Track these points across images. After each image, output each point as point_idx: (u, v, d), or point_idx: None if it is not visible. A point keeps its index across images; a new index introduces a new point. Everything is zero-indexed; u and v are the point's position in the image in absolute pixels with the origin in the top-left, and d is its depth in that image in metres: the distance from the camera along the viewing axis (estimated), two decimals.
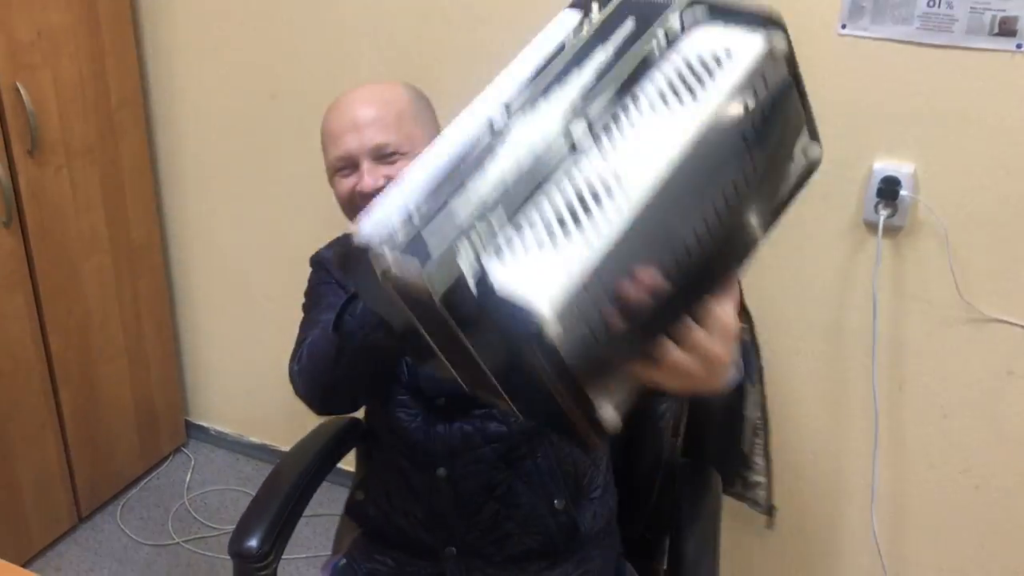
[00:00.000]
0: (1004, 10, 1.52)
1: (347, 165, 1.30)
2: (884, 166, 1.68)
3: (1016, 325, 1.69)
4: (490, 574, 1.36)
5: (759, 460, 1.69)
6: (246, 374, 2.58)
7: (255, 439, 2.63)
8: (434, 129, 1.35)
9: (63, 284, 2.13)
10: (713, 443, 1.60)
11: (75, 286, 2.16)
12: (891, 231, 1.71)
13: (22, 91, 1.92)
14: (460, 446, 1.33)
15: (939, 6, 1.55)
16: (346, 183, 1.30)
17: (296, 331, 1.40)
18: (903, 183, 1.67)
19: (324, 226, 2.23)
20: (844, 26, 1.63)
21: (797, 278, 1.82)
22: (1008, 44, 1.54)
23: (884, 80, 1.64)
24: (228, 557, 1.30)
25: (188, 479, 2.53)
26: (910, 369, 1.80)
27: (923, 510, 1.88)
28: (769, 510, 1.73)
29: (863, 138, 1.69)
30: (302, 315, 1.43)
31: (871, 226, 1.73)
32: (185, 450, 2.64)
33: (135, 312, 2.36)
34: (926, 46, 1.59)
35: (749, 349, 1.58)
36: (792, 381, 1.89)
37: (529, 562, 1.35)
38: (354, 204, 1.29)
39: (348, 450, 1.57)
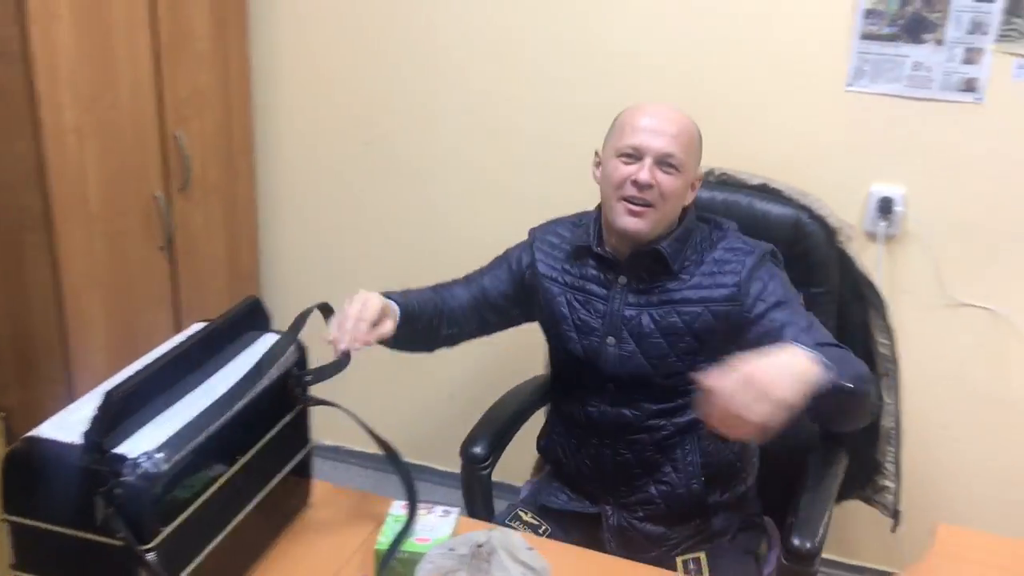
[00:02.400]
0: (967, 73, 2.08)
1: (633, 155, 1.60)
2: (881, 188, 2.22)
3: (984, 308, 2.23)
4: (631, 523, 1.72)
5: (890, 466, 1.94)
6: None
7: (329, 442, 2.97)
8: (698, 165, 1.68)
9: (197, 303, 2.49)
10: (850, 445, 1.91)
11: (203, 306, 2.53)
12: (887, 239, 2.24)
13: (181, 138, 2.32)
14: (622, 428, 1.68)
15: (921, 69, 2.11)
16: (624, 169, 1.60)
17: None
18: (896, 201, 2.20)
19: (411, 262, 2.66)
20: (850, 84, 2.17)
21: None
22: (970, 97, 2.10)
23: (880, 124, 2.18)
24: None
25: None
26: (903, 348, 2.30)
27: (914, 457, 2.37)
28: (895, 515, 1.96)
29: (865, 167, 2.22)
30: None
31: (871, 236, 2.25)
32: None
33: None
34: (911, 99, 2.14)
35: (892, 363, 1.94)
36: None
37: (661, 520, 1.71)
38: (621, 187, 1.61)
39: (544, 402, 1.99)
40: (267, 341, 1.44)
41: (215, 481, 1.26)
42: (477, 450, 1.76)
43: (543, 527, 1.76)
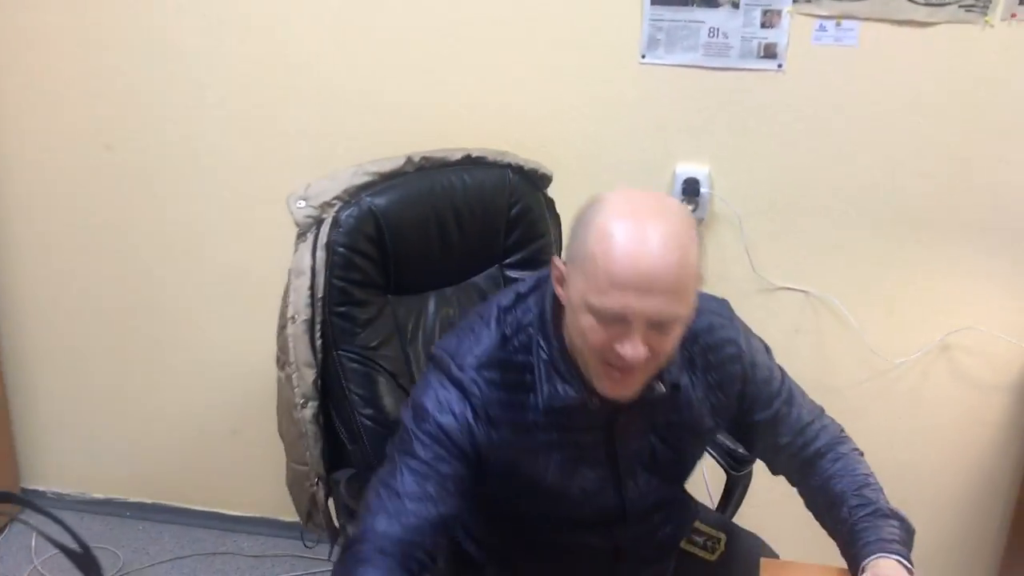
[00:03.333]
0: (766, 38, 1.91)
1: (616, 320, 1.16)
2: (685, 169, 2.03)
3: (798, 291, 2.09)
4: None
5: None
6: (83, 434, 2.56)
7: (99, 495, 2.60)
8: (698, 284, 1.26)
9: None
10: None
11: None
12: (696, 224, 2.05)
13: None
14: (646, 539, 1.51)
15: (717, 36, 1.92)
16: (603, 335, 1.18)
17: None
18: (701, 182, 2.02)
19: (165, 276, 2.32)
20: (644, 56, 1.96)
21: None
22: (771, 64, 1.93)
23: (680, 98, 1.98)
24: None
25: (34, 544, 2.45)
26: None
27: None
28: None
29: (666, 147, 2.02)
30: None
31: None
32: (22, 518, 2.55)
33: None
34: (709, 69, 1.95)
35: None
36: None
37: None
38: (603, 355, 1.20)
39: None
40: None
41: None
42: None
43: None
